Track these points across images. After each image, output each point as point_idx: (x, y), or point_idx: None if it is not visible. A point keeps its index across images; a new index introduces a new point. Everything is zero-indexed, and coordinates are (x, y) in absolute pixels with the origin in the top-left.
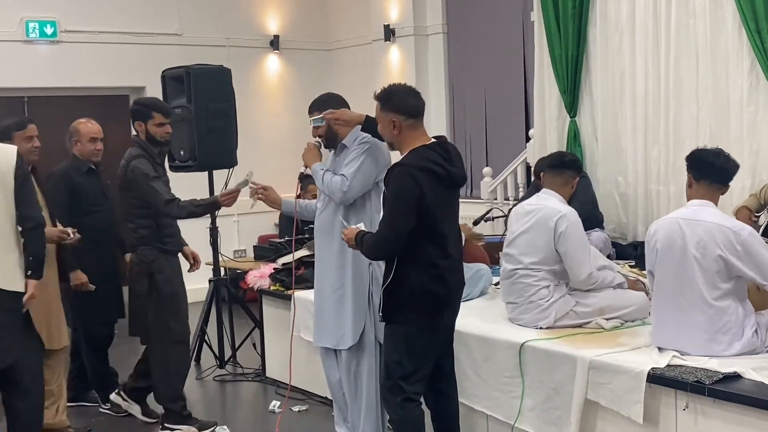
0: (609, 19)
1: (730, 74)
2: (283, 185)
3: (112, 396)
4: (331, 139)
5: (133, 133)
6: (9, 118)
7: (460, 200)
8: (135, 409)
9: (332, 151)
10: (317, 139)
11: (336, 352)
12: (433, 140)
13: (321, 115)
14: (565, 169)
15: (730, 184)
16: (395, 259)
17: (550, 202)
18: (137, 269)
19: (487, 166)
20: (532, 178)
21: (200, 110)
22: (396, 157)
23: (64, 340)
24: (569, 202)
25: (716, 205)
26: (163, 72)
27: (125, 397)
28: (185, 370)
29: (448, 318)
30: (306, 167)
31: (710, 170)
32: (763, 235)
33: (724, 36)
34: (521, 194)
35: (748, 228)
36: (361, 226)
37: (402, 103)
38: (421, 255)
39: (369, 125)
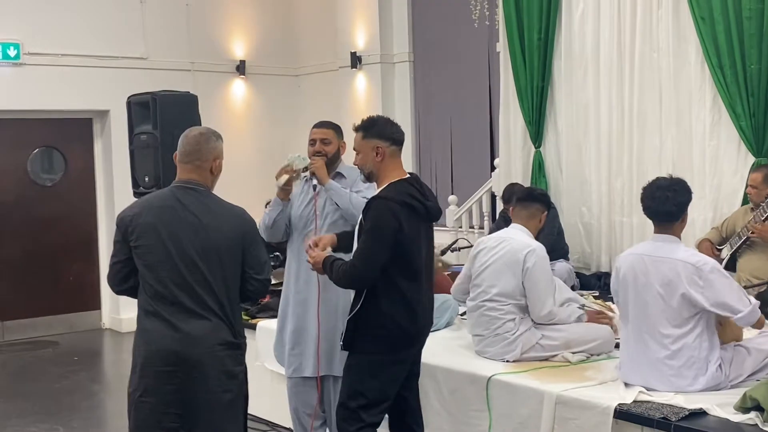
0: (574, 52)
1: (693, 108)
2: (248, 211)
3: None
4: (333, 161)
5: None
6: None
7: None
8: None
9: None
10: (318, 156)
11: (323, 380)
12: (408, 175)
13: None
14: (534, 203)
15: (697, 213)
16: (372, 291)
17: (518, 236)
18: None
19: (452, 194)
20: (499, 209)
21: (165, 137)
22: None
23: None
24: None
25: (680, 236)
26: (129, 98)
27: None
28: None
29: (415, 352)
30: (318, 182)
31: (658, 215)
32: (726, 267)
33: (687, 70)
34: (486, 223)
35: (711, 262)
36: (329, 251)
37: (385, 130)
38: (394, 289)
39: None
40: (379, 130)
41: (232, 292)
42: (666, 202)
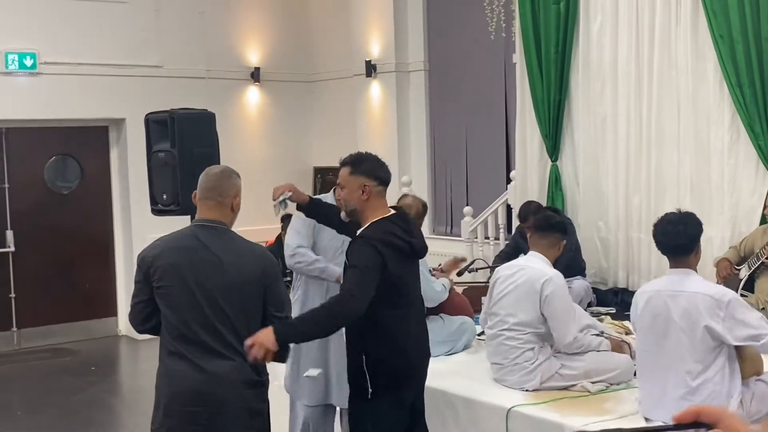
0: (591, 66)
1: (711, 126)
2: (262, 219)
3: None
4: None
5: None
6: None
7: (441, 237)
8: None
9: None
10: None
11: (339, 409)
12: (392, 212)
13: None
14: (553, 232)
15: (715, 232)
16: (361, 333)
17: (536, 264)
18: None
19: (467, 205)
20: (515, 222)
21: (184, 154)
22: None
23: None
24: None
25: (696, 269)
26: (147, 115)
27: None
28: None
29: (414, 389)
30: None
31: (671, 250)
32: (744, 288)
33: (705, 88)
34: (501, 234)
35: (729, 293)
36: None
37: (374, 169)
38: (382, 327)
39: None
40: (368, 168)
41: (254, 330)
42: (678, 236)
